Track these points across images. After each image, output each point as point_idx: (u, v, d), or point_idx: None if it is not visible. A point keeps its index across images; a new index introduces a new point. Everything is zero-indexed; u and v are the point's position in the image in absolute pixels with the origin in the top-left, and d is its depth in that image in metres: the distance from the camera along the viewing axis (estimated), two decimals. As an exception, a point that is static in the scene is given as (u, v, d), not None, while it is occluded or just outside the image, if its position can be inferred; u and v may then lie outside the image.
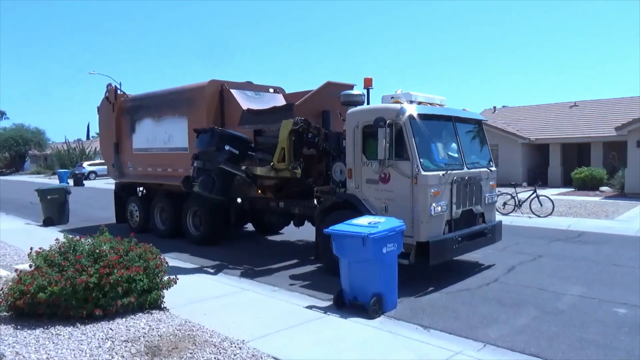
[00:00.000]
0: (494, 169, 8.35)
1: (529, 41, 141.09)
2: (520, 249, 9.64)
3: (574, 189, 21.60)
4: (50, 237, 7.39)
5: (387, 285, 5.87)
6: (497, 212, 9.61)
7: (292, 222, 9.96)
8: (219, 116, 9.96)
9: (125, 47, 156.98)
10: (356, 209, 7.28)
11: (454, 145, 7.71)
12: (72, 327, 5.18)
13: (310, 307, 6.02)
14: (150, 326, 5.25)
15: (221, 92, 10.15)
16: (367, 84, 8.44)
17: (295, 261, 8.99)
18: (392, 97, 7.54)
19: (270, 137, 8.90)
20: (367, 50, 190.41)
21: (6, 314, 5.54)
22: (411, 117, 6.98)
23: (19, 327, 5.18)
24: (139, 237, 6.63)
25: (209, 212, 10.43)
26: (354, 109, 7.80)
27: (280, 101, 10.69)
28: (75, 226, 13.20)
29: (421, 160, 6.86)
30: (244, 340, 4.88)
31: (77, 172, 37.09)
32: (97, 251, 5.82)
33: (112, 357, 4.49)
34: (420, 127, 7.08)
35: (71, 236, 6.27)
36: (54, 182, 32.17)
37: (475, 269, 8.10)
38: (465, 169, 7.55)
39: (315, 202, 8.50)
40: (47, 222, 13.77)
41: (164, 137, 11.07)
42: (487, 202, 8.03)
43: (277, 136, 8.44)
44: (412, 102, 7.41)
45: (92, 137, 71.59)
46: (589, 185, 21.34)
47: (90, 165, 42.70)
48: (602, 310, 5.99)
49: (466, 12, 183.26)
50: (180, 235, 11.15)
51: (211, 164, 8.19)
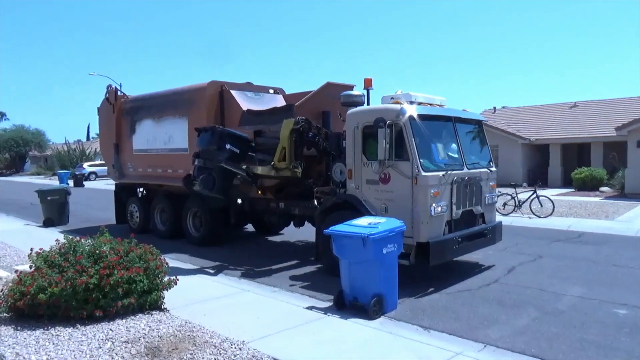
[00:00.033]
0: (494, 169, 8.35)
1: (529, 41, 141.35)
2: (520, 250, 9.64)
3: (574, 190, 21.60)
4: (50, 238, 7.39)
5: (387, 285, 5.87)
6: (497, 213, 9.61)
7: (292, 222, 9.97)
8: (218, 117, 9.96)
9: (125, 47, 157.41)
10: (356, 209, 7.28)
11: (454, 145, 7.71)
12: (72, 328, 5.18)
13: (310, 308, 6.02)
14: (150, 327, 5.25)
15: (221, 93, 10.16)
16: (367, 84, 8.44)
17: (295, 262, 8.99)
18: (392, 98, 7.54)
19: (270, 138, 8.91)
20: (367, 50, 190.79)
21: (6, 315, 5.54)
22: (411, 118, 6.99)
23: (19, 328, 5.19)
24: (139, 238, 6.63)
25: (209, 212, 10.43)
26: (354, 110, 7.80)
27: (280, 102, 10.69)
28: (75, 227, 13.20)
29: (421, 160, 6.86)
30: (244, 341, 4.88)
31: (77, 173, 37.15)
32: (98, 252, 5.82)
33: (112, 358, 4.49)
34: (420, 127, 7.09)
35: (71, 237, 6.27)
36: (54, 183, 32.19)
37: (475, 269, 8.10)
38: (465, 170, 7.55)
39: (315, 202, 8.49)
40: (47, 223, 13.78)
41: (164, 138, 11.08)
42: (487, 202, 8.03)
43: (277, 137, 8.45)
44: (412, 102, 7.41)
45: (92, 138, 71.59)
46: (589, 185, 21.34)
47: (90, 166, 42.77)
48: (603, 311, 5.99)
49: (466, 12, 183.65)
50: (180, 236, 11.16)
51: (212, 163, 8.21)
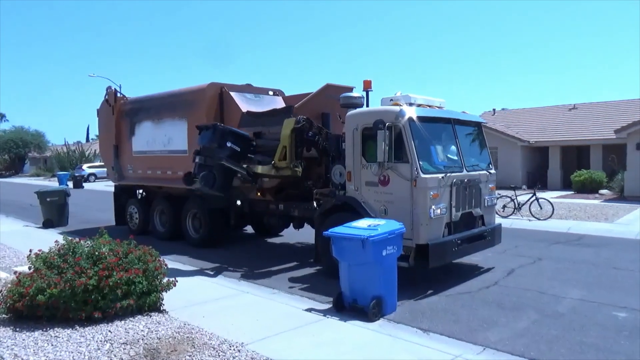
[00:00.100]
0: (493, 171, 8.35)
1: (529, 43, 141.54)
2: (520, 252, 9.63)
3: (573, 192, 21.59)
4: (49, 239, 7.39)
5: (386, 288, 5.86)
6: (496, 215, 9.60)
7: (291, 224, 9.97)
8: (218, 119, 9.96)
9: (125, 49, 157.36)
10: (356, 211, 7.27)
11: (454, 147, 7.71)
12: (71, 329, 5.17)
13: (309, 310, 6.01)
14: (149, 329, 5.24)
15: (221, 95, 10.17)
16: (367, 86, 8.44)
17: (294, 264, 8.98)
18: (391, 100, 7.55)
19: (269, 140, 8.91)
20: (367, 52, 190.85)
21: (5, 316, 5.53)
22: (410, 120, 6.99)
23: (17, 329, 5.18)
24: (139, 239, 6.62)
25: (208, 214, 10.43)
26: (354, 112, 7.80)
27: (279, 104, 10.70)
28: (74, 228, 13.19)
29: (420, 162, 6.86)
30: (243, 342, 4.87)
31: (76, 174, 37.16)
32: (97, 253, 5.81)
33: (111, 360, 4.48)
34: (419, 129, 7.09)
35: (70, 238, 6.26)
36: (53, 184, 32.19)
37: (474, 271, 8.09)
38: (464, 172, 7.55)
39: (314, 204, 8.49)
40: (47, 224, 13.77)
41: (164, 140, 11.08)
42: (486, 204, 8.03)
43: (276, 139, 8.46)
44: (411, 104, 7.42)
45: (92, 139, 71.55)
46: (588, 188, 21.34)
47: (89, 167, 42.79)
48: (602, 313, 5.98)
49: (465, 14, 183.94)
50: (179, 237, 11.14)
51: (212, 160, 8.20)
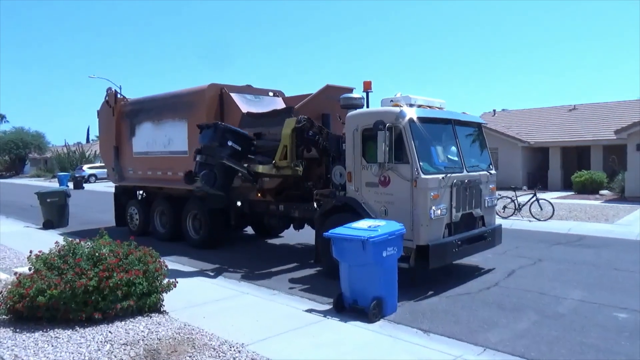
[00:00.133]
0: (493, 172, 8.35)
1: (529, 44, 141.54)
2: (520, 253, 9.63)
3: (574, 193, 21.59)
4: (49, 240, 7.39)
5: (387, 289, 5.86)
6: (497, 216, 9.60)
7: (291, 225, 9.97)
8: (218, 119, 9.94)
9: (125, 50, 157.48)
10: (356, 212, 7.27)
11: (454, 148, 7.71)
12: (71, 330, 5.17)
13: (309, 311, 6.01)
14: (149, 329, 5.24)
15: (221, 96, 10.18)
16: (367, 87, 8.42)
17: (294, 264, 8.98)
18: (391, 101, 7.55)
19: (269, 141, 8.90)
20: (367, 53, 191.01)
21: (5, 317, 5.53)
22: (411, 121, 6.99)
23: (18, 330, 5.18)
24: (139, 240, 6.63)
25: (208, 215, 10.42)
26: (354, 112, 7.80)
27: (279, 104, 10.71)
28: (75, 229, 13.20)
29: (421, 163, 6.86)
30: (243, 343, 4.87)
31: (77, 175, 37.22)
32: (97, 254, 5.81)
33: (111, 361, 4.47)
34: (419, 130, 7.09)
35: (71, 239, 6.26)
36: (53, 185, 32.19)
37: (475, 272, 8.09)
38: (465, 172, 7.55)
39: (315, 205, 8.49)
40: (47, 225, 13.77)
41: (164, 141, 11.09)
42: (487, 205, 8.02)
43: (276, 139, 8.46)
44: (411, 105, 7.42)
45: (92, 140, 71.61)
46: (589, 188, 21.34)
47: (90, 168, 42.85)
48: (603, 314, 5.98)
49: (465, 15, 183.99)
50: (180, 238, 11.15)
51: (213, 159, 8.19)
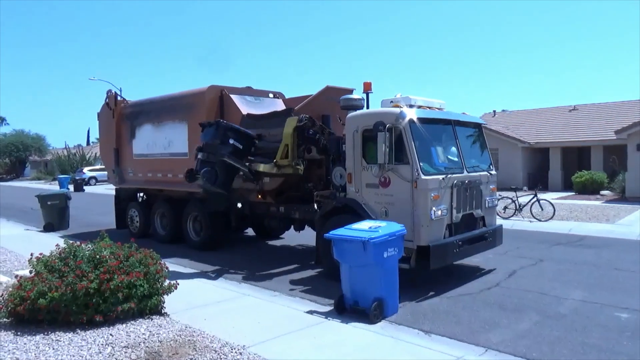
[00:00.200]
0: (494, 172, 8.35)
1: (529, 44, 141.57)
2: (521, 253, 9.62)
3: (574, 193, 21.59)
4: (50, 243, 7.38)
5: (388, 289, 5.85)
6: (497, 216, 9.59)
7: (292, 226, 9.97)
8: (219, 121, 9.96)
9: (125, 52, 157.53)
10: (356, 213, 7.27)
11: (454, 149, 7.71)
12: (72, 333, 5.16)
13: (310, 312, 6.00)
14: (150, 332, 5.24)
15: (221, 98, 10.19)
16: (367, 88, 8.43)
17: (295, 266, 8.98)
18: (391, 101, 7.55)
19: (270, 142, 8.90)
20: (367, 54, 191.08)
21: (6, 320, 5.53)
22: (411, 121, 6.99)
23: (19, 333, 5.17)
24: (140, 242, 6.62)
25: (209, 217, 10.41)
26: (354, 113, 7.80)
27: (280, 106, 10.71)
28: (75, 232, 13.19)
29: (421, 164, 6.86)
30: (244, 345, 4.86)
31: (77, 177, 37.24)
32: (98, 257, 5.81)
33: (112, 363, 4.47)
34: (420, 131, 7.09)
35: (71, 242, 6.25)
36: (54, 187, 32.21)
37: (476, 273, 8.08)
38: (465, 173, 7.54)
39: (315, 206, 8.48)
40: (48, 228, 13.77)
41: (164, 143, 11.09)
42: (487, 205, 8.02)
43: (277, 141, 8.47)
44: (411, 106, 7.42)
45: (93, 142, 71.66)
46: (589, 189, 21.33)
47: (90, 170, 42.87)
48: (604, 314, 5.97)
49: (465, 15, 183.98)
50: (180, 240, 11.15)
51: (215, 157, 8.18)
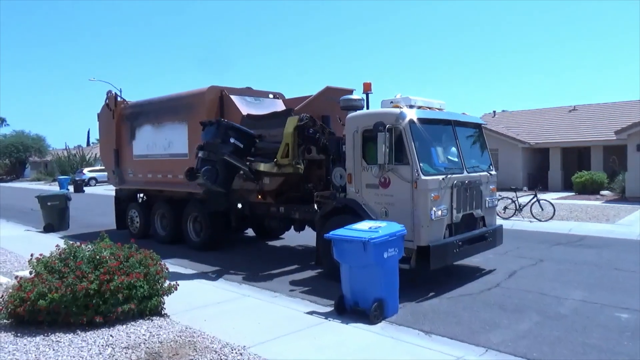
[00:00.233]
0: (494, 172, 8.35)
1: (529, 45, 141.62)
2: (521, 254, 9.62)
3: (574, 193, 21.59)
4: (50, 244, 7.39)
5: (388, 290, 5.85)
6: (497, 216, 9.59)
7: (292, 227, 9.96)
8: (219, 122, 9.96)
9: (125, 53, 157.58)
10: (356, 213, 7.27)
11: (454, 149, 7.71)
12: (72, 334, 5.16)
13: (311, 313, 6.00)
14: (150, 333, 5.24)
15: (221, 98, 10.19)
16: (367, 88, 8.43)
17: (295, 266, 8.98)
18: (391, 102, 7.55)
19: (270, 143, 8.90)
20: (366, 54, 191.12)
21: (6, 321, 5.52)
22: (411, 122, 6.99)
23: (19, 334, 5.17)
24: (140, 243, 6.62)
25: (209, 217, 10.42)
26: (354, 114, 7.80)
27: (279, 106, 10.72)
28: (75, 232, 13.18)
29: (421, 164, 6.86)
30: (244, 346, 4.86)
31: (77, 178, 37.22)
32: (98, 257, 5.81)
33: (113, 364, 4.47)
34: (420, 131, 7.09)
35: (71, 242, 6.25)
36: (54, 188, 32.19)
37: (476, 273, 8.08)
38: (465, 173, 7.54)
39: (315, 207, 8.49)
40: (48, 229, 13.77)
41: (164, 144, 11.09)
42: (487, 206, 8.02)
43: (276, 141, 8.47)
44: (411, 106, 7.42)
45: (93, 143, 71.65)
46: (589, 189, 21.34)
47: (90, 171, 42.85)
48: (604, 314, 5.97)
49: (465, 16, 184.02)
50: (180, 241, 11.14)
51: (215, 155, 8.18)
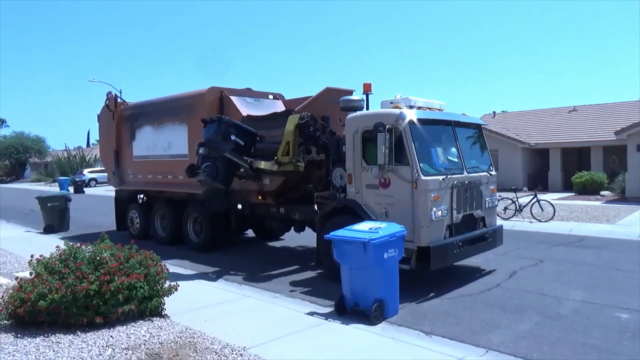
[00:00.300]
0: (494, 173, 8.35)
1: (529, 45, 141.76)
2: (521, 254, 9.62)
3: (574, 194, 21.58)
4: (50, 245, 7.39)
5: (388, 291, 5.85)
6: (497, 217, 9.59)
7: (292, 227, 9.96)
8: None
9: (125, 54, 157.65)
10: (356, 214, 7.27)
11: (454, 149, 7.71)
12: (72, 335, 5.16)
13: (311, 314, 6.00)
14: (151, 333, 5.24)
15: (221, 99, 10.20)
16: (367, 89, 8.43)
17: (295, 267, 8.98)
18: (391, 102, 7.56)
19: (270, 143, 8.90)
20: (366, 55, 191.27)
21: (6, 322, 5.52)
22: (411, 122, 6.99)
23: (19, 335, 5.17)
24: (140, 244, 6.62)
25: (209, 218, 10.41)
26: (354, 114, 7.80)
27: (279, 107, 10.72)
28: (75, 233, 13.19)
29: (421, 165, 6.86)
30: (245, 347, 4.86)
31: (77, 179, 37.21)
32: (98, 258, 5.81)
33: (113, 365, 4.47)
34: (419, 131, 7.09)
35: (72, 243, 6.26)
36: (54, 189, 32.20)
37: (476, 274, 8.08)
38: (465, 174, 7.55)
39: (315, 207, 8.49)
40: (48, 230, 13.76)
41: (164, 145, 11.09)
42: (487, 206, 8.02)
43: (276, 142, 8.47)
44: (411, 107, 7.43)
45: (93, 144, 71.70)
46: (589, 189, 21.33)
47: (90, 172, 42.83)
48: (605, 315, 5.97)
49: (465, 16, 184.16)
50: (180, 242, 11.14)
51: (216, 152, 8.19)
